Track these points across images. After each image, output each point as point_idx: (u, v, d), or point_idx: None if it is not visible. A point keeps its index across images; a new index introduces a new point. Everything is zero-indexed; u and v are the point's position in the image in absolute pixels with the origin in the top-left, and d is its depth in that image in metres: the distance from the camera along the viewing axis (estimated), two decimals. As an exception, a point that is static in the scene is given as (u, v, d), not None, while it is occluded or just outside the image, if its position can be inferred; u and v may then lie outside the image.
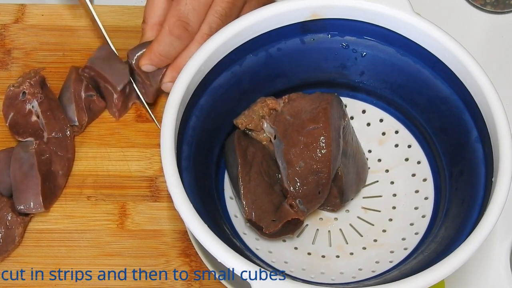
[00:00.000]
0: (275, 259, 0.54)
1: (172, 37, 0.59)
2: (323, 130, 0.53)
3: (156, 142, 0.63)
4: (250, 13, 0.54)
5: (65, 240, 0.59)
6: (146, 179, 0.62)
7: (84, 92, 0.63)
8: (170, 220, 0.60)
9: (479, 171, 0.51)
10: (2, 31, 0.69)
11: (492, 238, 0.61)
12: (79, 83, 0.63)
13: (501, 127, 0.49)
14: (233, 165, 0.55)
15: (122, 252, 0.59)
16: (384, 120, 0.60)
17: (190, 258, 0.58)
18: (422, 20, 0.53)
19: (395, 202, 0.58)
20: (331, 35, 0.56)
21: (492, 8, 0.71)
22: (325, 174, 0.53)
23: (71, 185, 0.62)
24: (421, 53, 0.54)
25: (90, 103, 0.64)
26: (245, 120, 0.56)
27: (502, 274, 0.59)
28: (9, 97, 0.62)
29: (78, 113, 0.63)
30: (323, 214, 0.58)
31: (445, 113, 0.55)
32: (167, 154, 0.48)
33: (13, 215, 0.58)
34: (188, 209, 0.46)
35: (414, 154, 0.59)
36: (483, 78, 0.51)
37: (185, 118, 0.52)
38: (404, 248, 0.54)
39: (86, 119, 0.63)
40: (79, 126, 0.63)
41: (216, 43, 0.53)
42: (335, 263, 0.55)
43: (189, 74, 0.51)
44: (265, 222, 0.53)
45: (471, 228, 0.48)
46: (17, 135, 0.61)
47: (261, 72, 0.57)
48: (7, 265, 0.58)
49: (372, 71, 0.58)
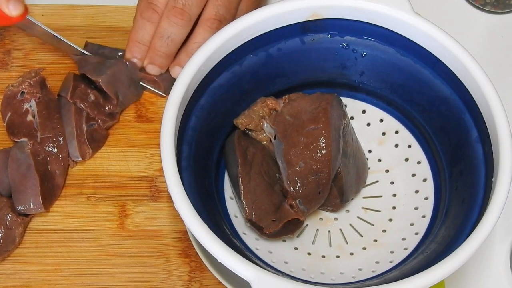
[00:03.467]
0: (275, 259, 0.54)
1: (143, 20, 0.62)
2: (323, 130, 0.53)
3: (156, 142, 0.63)
4: (250, 13, 0.54)
5: (65, 240, 0.59)
6: (146, 179, 0.62)
7: (86, 123, 0.62)
8: (170, 220, 0.60)
9: (479, 171, 0.51)
10: (2, 31, 0.69)
11: (492, 238, 0.61)
12: (79, 115, 0.62)
13: (501, 127, 0.49)
14: (233, 165, 0.55)
15: (122, 252, 0.59)
16: (384, 120, 0.60)
17: (190, 258, 0.58)
18: (422, 20, 0.53)
19: (395, 202, 0.58)
20: (331, 35, 0.56)
21: (492, 8, 0.71)
22: (325, 174, 0.53)
23: (71, 185, 0.62)
24: (421, 53, 0.54)
25: (92, 133, 0.62)
26: (245, 120, 0.56)
27: (502, 274, 0.59)
28: (8, 96, 0.62)
29: (81, 148, 0.61)
30: (323, 214, 0.58)
31: (445, 113, 0.55)
32: (167, 154, 0.48)
33: (13, 215, 0.58)
34: (188, 209, 0.46)
35: (414, 154, 0.59)
36: (483, 78, 0.51)
37: (185, 118, 0.52)
38: (404, 248, 0.54)
39: (90, 151, 0.62)
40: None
41: (216, 43, 0.53)
42: (335, 263, 0.55)
43: (189, 74, 0.51)
44: (265, 222, 0.53)
45: (471, 228, 0.48)
46: (12, 136, 0.61)
47: (261, 72, 0.57)
48: (7, 265, 0.58)
49: (372, 71, 0.58)
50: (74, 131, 0.62)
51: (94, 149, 0.63)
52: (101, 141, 0.63)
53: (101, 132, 0.63)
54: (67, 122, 0.62)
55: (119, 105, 0.64)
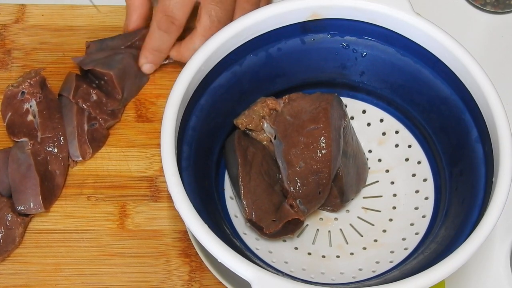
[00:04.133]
0: (275, 259, 0.54)
1: (161, 32, 0.62)
2: (323, 130, 0.53)
3: (156, 142, 0.63)
4: (250, 13, 0.54)
5: (65, 240, 0.59)
6: (146, 179, 0.62)
7: (87, 123, 0.62)
8: (170, 220, 0.60)
9: (479, 171, 0.51)
10: (2, 31, 0.69)
11: (492, 238, 0.61)
12: (81, 115, 0.62)
13: (501, 127, 0.49)
14: (233, 165, 0.55)
15: (122, 252, 0.59)
16: (384, 120, 0.60)
17: (190, 258, 0.58)
18: (422, 20, 0.53)
19: (395, 202, 0.58)
20: (331, 35, 0.56)
21: (492, 8, 0.71)
22: (326, 174, 0.53)
23: (71, 185, 0.62)
24: (421, 53, 0.54)
25: (93, 133, 0.62)
26: (245, 120, 0.56)
27: (502, 274, 0.59)
28: (8, 96, 0.62)
29: (81, 148, 0.61)
30: (323, 214, 0.58)
31: (445, 113, 0.55)
32: (167, 154, 0.48)
33: (13, 215, 0.58)
34: (188, 209, 0.46)
35: (414, 154, 0.59)
36: (483, 78, 0.51)
37: (185, 118, 0.52)
38: (404, 248, 0.54)
39: (91, 151, 0.62)
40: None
41: (216, 43, 0.53)
42: (335, 263, 0.55)
43: (189, 74, 0.51)
44: (265, 222, 0.53)
45: (471, 228, 0.48)
46: (12, 136, 0.61)
47: (261, 72, 0.57)
48: (7, 265, 0.58)
49: (372, 71, 0.58)
50: (75, 131, 0.62)
51: (95, 149, 0.62)
52: (101, 141, 0.63)
53: (102, 132, 0.63)
54: (68, 122, 0.62)
55: (122, 101, 0.64)
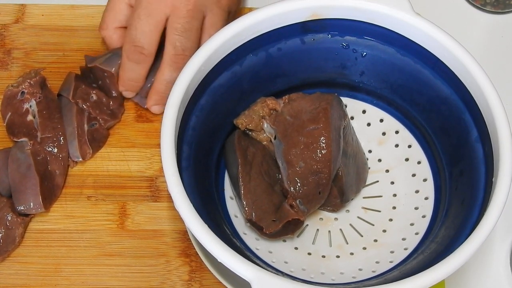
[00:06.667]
0: (275, 259, 0.54)
1: (131, 63, 0.62)
2: (323, 130, 0.53)
3: (156, 142, 0.63)
4: (250, 13, 0.54)
5: (65, 240, 0.59)
6: (146, 179, 0.62)
7: (87, 123, 0.62)
8: (170, 220, 0.60)
9: (479, 171, 0.51)
10: (2, 31, 0.69)
11: (492, 238, 0.61)
12: (81, 115, 0.62)
13: (501, 127, 0.49)
14: (233, 165, 0.55)
15: (122, 252, 0.59)
16: (384, 120, 0.60)
17: (190, 258, 0.58)
18: (422, 20, 0.53)
19: (395, 202, 0.58)
20: (331, 35, 0.56)
21: (492, 8, 0.71)
22: (326, 174, 0.53)
23: (71, 185, 0.62)
24: (421, 53, 0.54)
25: (93, 133, 0.62)
26: (245, 120, 0.56)
27: (502, 274, 0.59)
28: (8, 96, 0.62)
29: (81, 149, 0.61)
30: (323, 214, 0.58)
31: (445, 113, 0.55)
32: (167, 154, 0.48)
33: (13, 215, 0.58)
34: (188, 209, 0.46)
35: (414, 154, 0.59)
36: (483, 78, 0.51)
37: (185, 118, 0.52)
38: (404, 248, 0.54)
39: (91, 151, 0.62)
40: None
41: (216, 43, 0.53)
42: (335, 263, 0.55)
43: (189, 74, 0.51)
44: (265, 222, 0.53)
45: (471, 228, 0.48)
46: (12, 136, 0.61)
47: (261, 72, 0.57)
48: (7, 265, 0.58)
49: (372, 71, 0.58)
50: (75, 131, 0.62)
51: (95, 149, 0.62)
52: (101, 141, 0.63)
53: (102, 132, 0.63)
54: (68, 122, 0.62)
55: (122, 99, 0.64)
